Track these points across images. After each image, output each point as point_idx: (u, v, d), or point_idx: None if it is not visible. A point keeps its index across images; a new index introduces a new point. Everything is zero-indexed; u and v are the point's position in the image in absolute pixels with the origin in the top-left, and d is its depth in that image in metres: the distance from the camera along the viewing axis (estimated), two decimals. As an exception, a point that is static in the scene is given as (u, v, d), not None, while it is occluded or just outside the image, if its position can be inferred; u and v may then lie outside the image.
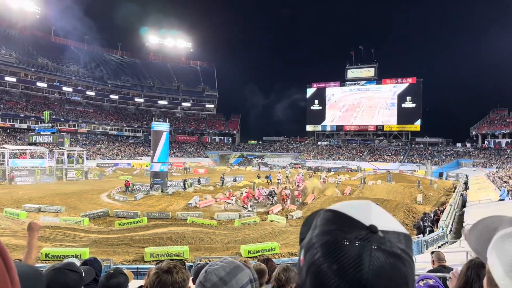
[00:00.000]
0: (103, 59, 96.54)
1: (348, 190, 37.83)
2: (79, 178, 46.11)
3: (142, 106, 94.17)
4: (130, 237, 18.78)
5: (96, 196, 33.24)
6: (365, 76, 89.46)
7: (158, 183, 35.97)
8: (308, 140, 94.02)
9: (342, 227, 0.68)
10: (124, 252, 16.58)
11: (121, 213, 25.16)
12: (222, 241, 18.76)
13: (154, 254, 15.55)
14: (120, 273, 2.53)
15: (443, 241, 17.38)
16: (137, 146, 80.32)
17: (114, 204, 29.37)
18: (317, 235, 0.70)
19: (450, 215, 21.84)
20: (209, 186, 41.16)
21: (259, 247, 16.98)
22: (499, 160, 60.80)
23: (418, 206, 29.09)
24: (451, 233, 19.04)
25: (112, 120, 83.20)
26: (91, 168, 53.43)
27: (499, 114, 74.78)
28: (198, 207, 28.35)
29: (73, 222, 22.06)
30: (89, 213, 24.29)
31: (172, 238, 18.41)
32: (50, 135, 51.26)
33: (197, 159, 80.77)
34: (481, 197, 26.70)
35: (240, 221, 23.10)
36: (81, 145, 64.65)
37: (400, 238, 0.69)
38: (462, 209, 24.98)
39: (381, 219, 0.70)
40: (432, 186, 42.64)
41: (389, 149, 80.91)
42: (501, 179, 35.62)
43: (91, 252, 15.31)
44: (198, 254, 16.40)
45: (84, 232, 19.73)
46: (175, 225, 21.90)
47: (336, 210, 0.72)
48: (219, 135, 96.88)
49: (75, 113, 77.73)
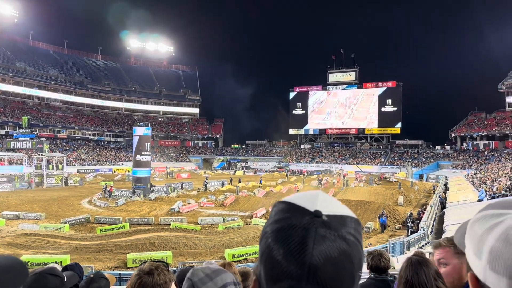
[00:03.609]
0: (83, 63, 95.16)
1: (331, 192, 38.13)
2: (58, 185, 45.22)
3: (123, 110, 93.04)
4: (112, 243, 18.53)
5: (77, 202, 32.70)
6: (347, 80, 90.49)
7: (140, 188, 35.58)
8: (291, 144, 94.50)
9: (291, 214, 0.72)
10: (106, 259, 16.36)
11: (102, 219, 24.83)
12: (206, 246, 18.67)
13: (137, 260, 15.38)
14: (101, 277, 2.49)
15: (424, 241, 17.65)
16: (118, 151, 79.31)
17: (96, 210, 28.94)
18: (270, 224, 0.74)
19: (431, 216, 22.22)
20: (193, 191, 40.92)
21: (243, 251, 16.97)
22: (478, 161, 62.14)
23: (400, 207, 29.52)
24: (432, 234, 19.36)
25: (93, 125, 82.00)
26: (71, 174, 52.52)
27: (476, 117, 76.53)
28: (181, 212, 28.16)
29: (53, 229, 21.67)
30: (69, 220, 23.92)
31: (155, 243, 18.24)
32: (28, 141, 50.28)
33: (180, 164, 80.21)
34: (460, 198, 27.23)
35: (224, 225, 23.05)
36: (60, 151, 63.55)
37: (345, 221, 0.73)
38: (442, 210, 25.44)
39: (327, 205, 0.74)
40: (412, 188, 43.34)
41: (371, 152, 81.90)
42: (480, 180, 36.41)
43: (72, 259, 15.05)
44: (181, 259, 16.29)
45: (65, 239, 19.39)
46: (158, 231, 21.73)
47: (287, 201, 0.76)
48: (202, 140, 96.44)
49: (54, 118, 76.30)
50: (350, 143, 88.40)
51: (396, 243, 16.29)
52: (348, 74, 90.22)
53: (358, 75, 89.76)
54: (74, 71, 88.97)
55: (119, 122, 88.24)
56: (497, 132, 68.12)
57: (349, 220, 0.74)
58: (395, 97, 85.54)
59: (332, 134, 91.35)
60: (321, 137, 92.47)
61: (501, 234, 0.74)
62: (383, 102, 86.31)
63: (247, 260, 16.37)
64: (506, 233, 0.73)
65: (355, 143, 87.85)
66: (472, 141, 71.69)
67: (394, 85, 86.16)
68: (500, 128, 68.24)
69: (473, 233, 0.81)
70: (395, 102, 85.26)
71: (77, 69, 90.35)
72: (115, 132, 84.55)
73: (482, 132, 70.36)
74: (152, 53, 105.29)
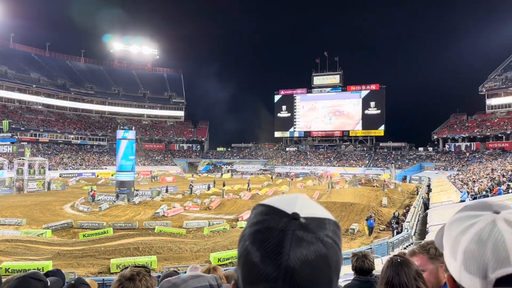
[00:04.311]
0: (66, 66, 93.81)
1: (316, 194, 38.34)
2: (40, 189, 44.38)
3: (106, 114, 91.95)
4: (95, 248, 18.23)
5: (59, 207, 32.15)
6: (331, 83, 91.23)
7: (124, 192, 35.19)
8: (276, 147, 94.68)
9: (269, 217, 0.72)
10: (89, 264, 16.10)
11: (85, 224, 24.48)
12: (191, 250, 18.53)
13: (121, 265, 15.17)
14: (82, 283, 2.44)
15: (408, 242, 17.83)
16: (101, 155, 78.33)
17: (78, 215, 28.50)
18: (248, 226, 0.74)
19: (414, 216, 22.47)
20: (178, 194, 40.65)
21: (229, 255, 16.88)
22: (459, 163, 63.23)
23: (384, 209, 29.80)
24: (415, 234, 19.58)
25: (75, 128, 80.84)
26: (53, 179, 51.67)
27: (458, 119, 77.96)
28: (166, 216, 27.93)
29: (35, 234, 21.26)
30: (51, 225, 23.52)
31: (140, 248, 18.02)
32: (9, 145, 49.34)
33: (165, 167, 79.65)
34: (443, 199, 27.64)
35: (209, 228, 22.93)
36: (42, 155, 62.54)
37: (323, 224, 0.72)
38: (425, 210, 25.78)
39: (306, 208, 0.74)
40: (396, 189, 43.82)
41: (355, 154, 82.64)
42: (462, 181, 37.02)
43: (54, 265, 14.77)
44: (166, 264, 16.13)
45: (47, 245, 19.02)
46: (143, 235, 21.48)
47: (266, 204, 0.76)
48: (187, 143, 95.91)
49: (36, 122, 74.95)
50: (335, 146, 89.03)
51: (381, 244, 16.42)
52: (332, 77, 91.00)
53: (342, 78, 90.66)
54: (56, 74, 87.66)
55: (102, 125, 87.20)
56: (478, 133, 69.49)
57: (328, 222, 0.73)
58: (378, 99, 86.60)
59: (317, 136, 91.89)
60: (306, 139, 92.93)
61: (474, 235, 0.76)
62: (367, 104, 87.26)
63: (233, 264, 16.30)
64: (479, 234, 0.76)
65: (339, 145, 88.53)
66: (454, 143, 72.95)
67: (378, 88, 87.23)
68: (481, 129, 69.62)
69: (449, 234, 0.83)
70: (378, 104, 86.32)
71: (59, 72, 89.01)
72: (98, 135, 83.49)
73: (464, 134, 71.68)
74: (136, 56, 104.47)
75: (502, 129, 65.91)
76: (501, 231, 0.75)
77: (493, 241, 0.74)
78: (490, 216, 0.79)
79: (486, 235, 0.75)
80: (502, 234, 0.75)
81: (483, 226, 0.77)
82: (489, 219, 0.78)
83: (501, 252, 0.73)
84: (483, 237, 0.75)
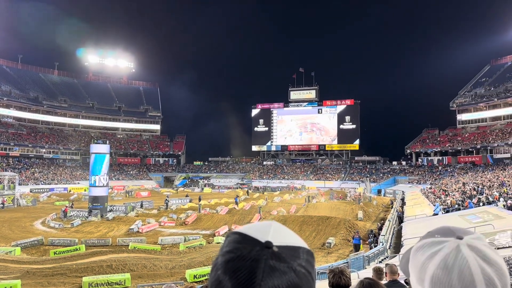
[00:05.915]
0: (39, 79, 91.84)
1: (293, 208, 38.39)
2: (10, 205, 42.87)
3: (80, 127, 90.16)
4: (67, 266, 17.66)
5: (29, 223, 31.13)
6: (307, 98, 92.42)
7: (97, 208, 34.37)
8: (254, 160, 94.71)
9: (242, 245, 0.71)
10: (60, 283, 15.56)
11: (56, 241, 23.78)
12: (166, 267, 18.17)
13: (93, 283, 14.75)
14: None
15: (383, 256, 18.00)
16: (74, 169, 76.52)
17: (50, 232, 27.66)
18: (221, 255, 0.73)
19: (389, 230, 22.74)
20: (153, 210, 40.00)
21: (205, 271, 16.62)
22: (432, 176, 64.69)
23: (359, 222, 30.09)
24: (390, 248, 19.79)
25: (48, 142, 78.80)
26: (23, 194, 50.04)
27: (430, 134, 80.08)
28: (141, 232, 27.41)
29: (3, 252, 20.49)
30: (21, 242, 22.75)
31: (113, 266, 17.55)
32: (-23, 159, 47.51)
33: (140, 182, 78.41)
34: (417, 212, 28.16)
35: (185, 244, 22.61)
36: (12, 170, 60.64)
37: (297, 253, 0.72)
38: (400, 224, 26.15)
39: (279, 236, 0.73)
40: (371, 202, 44.36)
41: (331, 168, 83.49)
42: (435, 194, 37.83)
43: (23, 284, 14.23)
44: (141, 282, 15.77)
45: (15, 263, 18.34)
46: (116, 252, 20.98)
47: (239, 232, 0.75)
48: (164, 157, 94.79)
49: (6, 135, 72.73)
50: (311, 159, 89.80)
51: (357, 258, 16.52)
52: (308, 92, 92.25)
53: (318, 93, 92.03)
54: (28, 86, 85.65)
55: (75, 139, 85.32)
56: (450, 148, 71.44)
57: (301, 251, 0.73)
58: (353, 114, 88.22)
59: (294, 150, 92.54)
60: (283, 153, 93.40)
61: (440, 262, 0.78)
62: (342, 119, 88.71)
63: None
64: (445, 260, 0.78)
65: (316, 159, 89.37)
66: (426, 157, 74.73)
67: (352, 103, 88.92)
68: (453, 144, 71.61)
69: (416, 261, 0.85)
70: (353, 119, 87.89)
71: (31, 85, 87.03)
72: (71, 149, 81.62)
73: (436, 148, 73.57)
74: (111, 69, 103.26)
75: (472, 144, 67.97)
76: (465, 256, 0.78)
77: (458, 267, 0.77)
78: (454, 242, 0.81)
79: (451, 261, 0.78)
80: (467, 259, 0.77)
81: (448, 252, 0.79)
82: (453, 245, 0.81)
83: (467, 277, 0.75)
84: (448, 263, 0.77)
